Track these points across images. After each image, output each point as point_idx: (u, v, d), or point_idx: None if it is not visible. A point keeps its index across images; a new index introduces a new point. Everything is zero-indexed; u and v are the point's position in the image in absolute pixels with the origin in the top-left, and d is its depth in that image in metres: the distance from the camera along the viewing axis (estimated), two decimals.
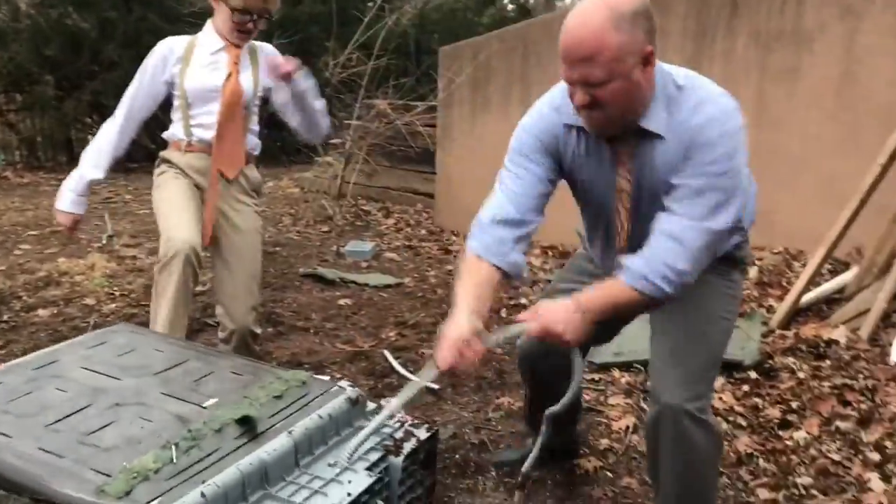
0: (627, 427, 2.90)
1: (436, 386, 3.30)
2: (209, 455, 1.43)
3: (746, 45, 4.76)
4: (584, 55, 1.69)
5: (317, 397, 1.71)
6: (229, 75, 2.78)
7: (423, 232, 6.70)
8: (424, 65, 9.05)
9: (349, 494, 1.45)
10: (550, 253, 5.65)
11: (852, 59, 4.32)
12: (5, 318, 4.13)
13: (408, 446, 1.65)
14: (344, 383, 1.84)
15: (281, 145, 10.86)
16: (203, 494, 1.31)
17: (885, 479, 2.41)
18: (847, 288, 3.82)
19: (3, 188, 9.17)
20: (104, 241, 5.86)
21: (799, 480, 2.44)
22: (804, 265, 4.03)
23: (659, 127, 1.76)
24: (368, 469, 1.56)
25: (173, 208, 2.77)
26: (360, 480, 1.50)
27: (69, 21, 10.48)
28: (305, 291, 4.82)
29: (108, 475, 1.33)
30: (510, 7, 13.38)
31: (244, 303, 2.89)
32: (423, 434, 1.71)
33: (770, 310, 3.88)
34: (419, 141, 7.17)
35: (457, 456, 2.72)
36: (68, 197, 2.83)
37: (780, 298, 3.91)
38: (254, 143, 2.96)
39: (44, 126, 11.41)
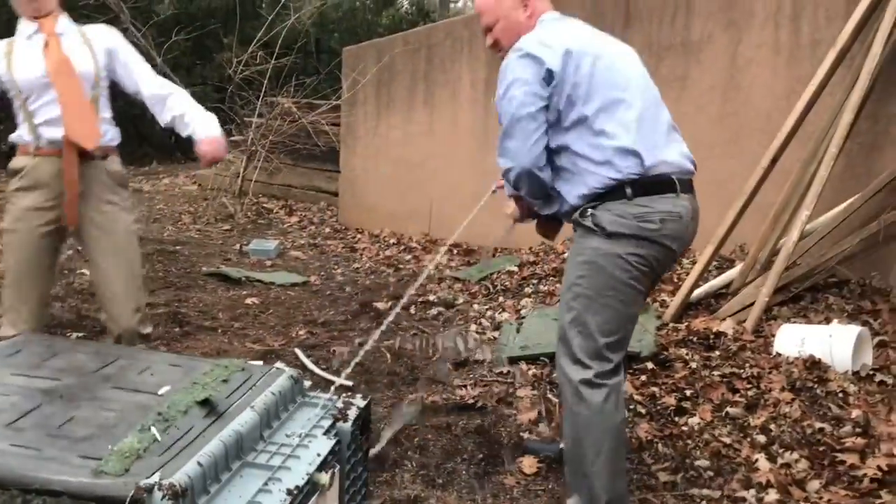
0: (535, 418, 3.03)
1: (349, 383, 3.36)
2: (187, 433, 1.48)
3: (640, 53, 5.01)
4: (478, 10, 2.39)
5: (260, 378, 1.79)
6: (46, 45, 2.61)
7: (328, 230, 6.71)
8: (326, 64, 9.06)
9: (318, 455, 1.58)
10: (455, 251, 5.78)
11: (735, 69, 4.63)
12: None
13: (352, 413, 1.77)
14: (280, 365, 1.92)
15: (176, 141, 10.61)
16: (200, 464, 1.37)
17: (771, 458, 2.63)
18: (733, 283, 4.10)
19: None
20: None
21: (696, 463, 2.64)
22: (694, 262, 4.29)
23: None
24: (325, 434, 1.68)
25: (17, 283, 2.63)
26: (323, 443, 1.64)
27: None
28: (210, 291, 4.77)
29: (97, 459, 1.35)
30: (406, 8, 13.47)
31: (126, 305, 2.70)
32: (360, 403, 1.84)
33: (663, 304, 4.12)
34: (323, 139, 7.17)
35: (374, 449, 2.79)
36: None
37: (673, 294, 4.16)
38: (110, 132, 2.75)
39: None
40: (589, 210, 2.17)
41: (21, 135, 2.65)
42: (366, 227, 6.60)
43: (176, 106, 2.73)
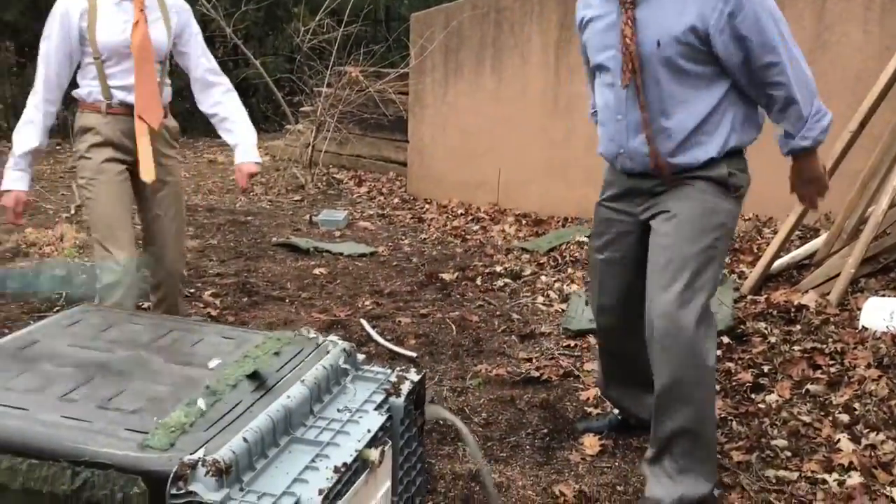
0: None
1: (413, 354, 3.32)
2: (234, 407, 1.46)
3: None
4: None
5: (312, 351, 1.76)
6: (136, 23, 2.66)
7: (396, 200, 6.68)
8: (395, 32, 8.98)
9: (369, 431, 1.53)
10: (524, 221, 5.67)
11: (823, 27, 4.36)
12: None
13: (405, 388, 1.72)
14: (334, 338, 1.87)
15: (250, 113, 10.73)
16: (245, 440, 1.35)
17: (855, 439, 2.47)
18: (817, 254, 3.89)
19: None
20: (72, 211, 5.77)
21: (773, 442, 2.50)
22: (775, 232, 4.09)
23: None
24: (377, 409, 1.63)
25: (109, 227, 2.72)
26: (374, 419, 1.59)
27: None
28: (279, 261, 4.80)
29: (144, 432, 1.34)
30: None
31: (175, 248, 2.90)
32: (414, 377, 1.78)
33: (742, 276, 3.94)
34: (392, 108, 7.12)
35: (437, 423, 2.74)
36: (7, 175, 2.69)
37: (752, 265, 3.98)
38: (166, 91, 2.85)
39: (5, 94, 11.15)
40: (727, 169, 2.11)
41: (91, 92, 2.72)
42: (434, 197, 6.54)
43: (224, 108, 2.89)
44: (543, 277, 4.39)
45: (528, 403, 2.88)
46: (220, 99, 2.90)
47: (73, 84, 2.78)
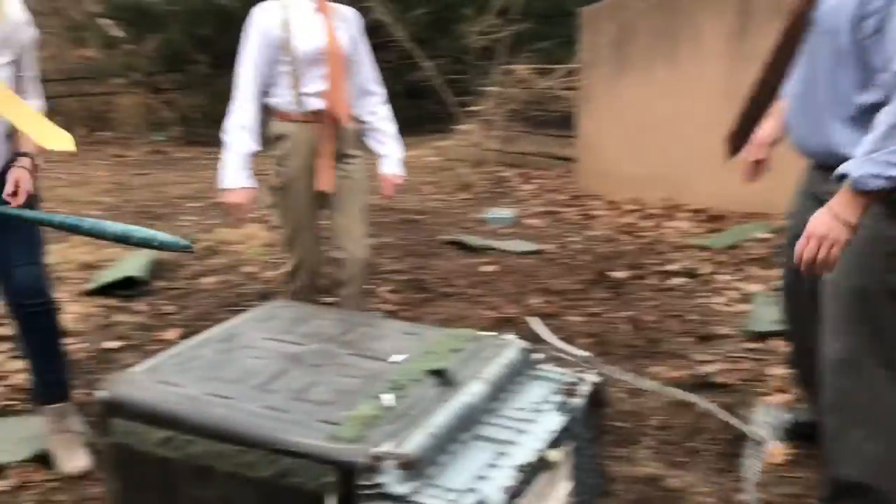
0: (790, 400, 2.78)
1: (586, 353, 3.28)
2: (418, 403, 1.52)
3: None
4: None
5: (490, 349, 1.79)
6: (328, 32, 2.87)
7: (564, 197, 6.62)
8: (565, 28, 8.90)
9: (549, 431, 1.55)
10: (699, 217, 5.46)
11: None
12: (176, 284, 4.43)
13: (584, 389, 1.71)
14: (511, 336, 1.90)
15: (421, 114, 11.02)
16: (430, 435, 1.41)
17: None
18: None
19: (166, 163, 9.81)
20: (261, 212, 6.15)
21: None
22: None
23: None
24: (556, 410, 1.65)
25: (297, 231, 2.99)
26: (554, 419, 1.60)
27: (220, 0, 10.99)
28: (449, 258, 4.89)
29: (335, 424, 1.42)
30: None
31: (359, 239, 3.02)
32: (593, 378, 1.77)
33: None
34: (559, 105, 7.07)
35: (611, 424, 2.70)
36: (235, 173, 2.89)
37: None
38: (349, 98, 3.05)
39: (199, 103, 12.07)
40: None
41: (285, 101, 2.92)
42: (603, 194, 6.43)
43: (379, 119, 3.12)
44: (722, 276, 4.21)
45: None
46: (376, 109, 3.12)
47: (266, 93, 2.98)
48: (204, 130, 12.60)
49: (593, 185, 6.58)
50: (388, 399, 1.50)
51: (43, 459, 2.51)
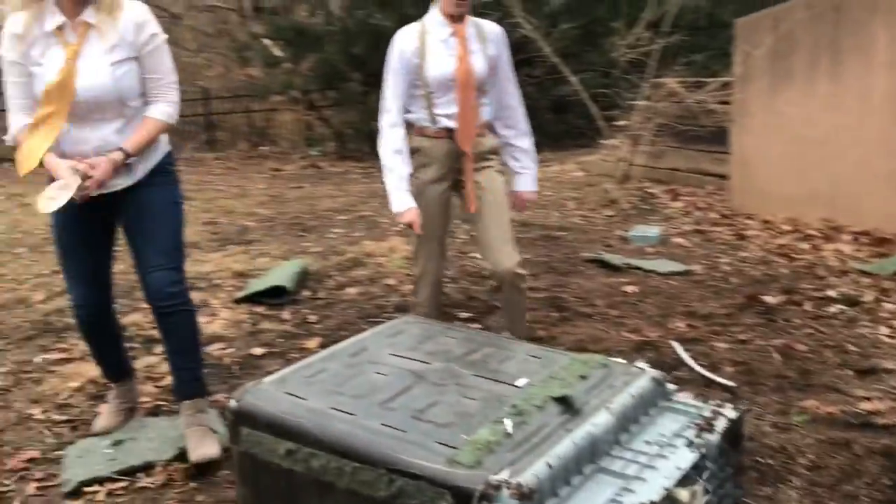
0: None
1: (731, 383, 3.10)
2: (539, 430, 1.48)
3: None
4: None
5: (620, 377, 1.72)
6: (460, 58, 2.93)
7: (715, 215, 6.33)
8: (718, 39, 8.56)
9: (678, 468, 1.47)
10: (863, 239, 5.07)
11: None
12: (320, 295, 4.58)
13: (719, 424, 1.60)
14: (643, 364, 1.81)
15: (566, 129, 10.90)
16: (549, 465, 1.37)
17: None
18: None
19: (319, 177, 10.21)
20: (402, 226, 6.27)
21: None
22: None
23: None
24: (688, 445, 1.57)
25: (426, 238, 3.10)
26: (685, 456, 1.52)
27: (373, 20, 11.36)
28: (590, 277, 4.78)
29: (453, 447, 1.41)
30: None
31: (502, 249, 3.02)
32: (731, 413, 1.65)
33: None
34: (711, 119, 6.78)
35: (755, 461, 2.53)
36: (402, 196, 3.02)
37: None
38: (486, 111, 3.08)
39: (352, 119, 12.51)
40: None
41: (420, 118, 3.05)
42: (757, 213, 6.10)
43: (517, 134, 3.14)
44: (888, 305, 3.87)
45: (867, 449, 2.54)
46: (514, 124, 3.15)
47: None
48: (355, 146, 13.07)
49: (747, 204, 6.26)
50: (508, 425, 1.46)
51: (187, 458, 2.64)
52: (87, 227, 2.67)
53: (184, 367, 2.74)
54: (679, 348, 3.49)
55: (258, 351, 3.70)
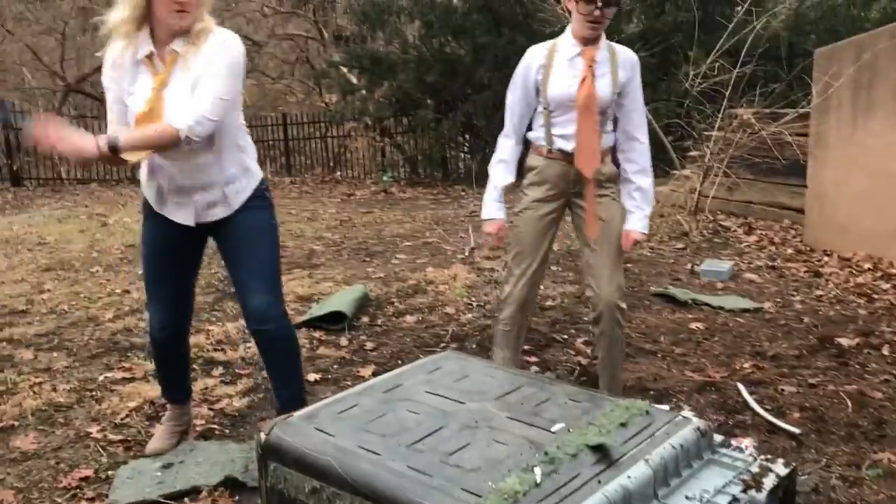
0: None
1: (797, 430, 2.94)
2: (571, 480, 1.41)
3: None
4: None
5: (662, 426, 1.63)
6: (583, 80, 2.84)
7: (790, 251, 6.10)
8: (796, 69, 8.31)
9: None
10: None
11: None
12: (379, 321, 4.57)
13: (767, 482, 1.49)
14: (688, 413, 1.71)
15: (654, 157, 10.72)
16: None
17: None
18: None
19: (389, 202, 10.29)
20: (466, 253, 6.25)
21: None
22: None
23: None
24: (732, 503, 1.47)
25: (519, 254, 3.06)
26: None
27: (448, 49, 11.46)
28: (655, 312, 4.64)
29: (478, 495, 1.36)
30: None
31: (610, 279, 2.96)
32: (781, 470, 1.54)
33: None
34: (787, 151, 6.56)
35: None
36: (491, 206, 3.08)
37: None
38: (608, 140, 2.98)
39: (423, 146, 12.61)
40: None
41: (539, 137, 3.02)
42: (835, 249, 5.84)
43: (636, 169, 2.98)
44: None
45: None
46: (635, 158, 3.00)
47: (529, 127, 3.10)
48: (426, 172, 13.16)
49: (824, 240, 6.01)
50: (538, 474, 1.39)
51: (234, 483, 2.64)
52: (186, 247, 2.71)
53: (283, 387, 2.77)
54: (744, 390, 3.34)
55: (313, 377, 3.70)
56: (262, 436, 1.62)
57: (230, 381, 3.69)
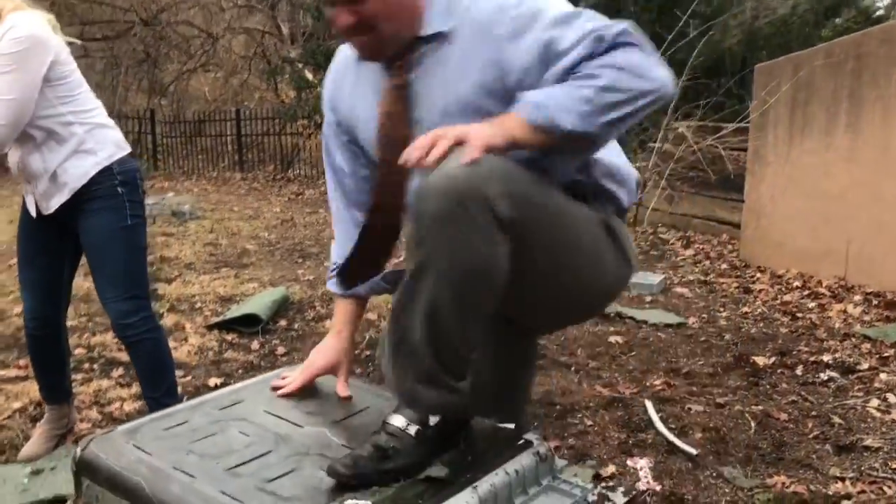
0: None
1: (694, 451, 2.88)
2: None
3: None
4: None
5: (504, 448, 1.54)
6: None
7: (724, 266, 6.10)
8: (735, 84, 8.33)
9: None
10: (874, 302, 4.79)
11: None
12: (296, 325, 4.45)
13: None
14: (532, 435, 1.63)
15: None
16: None
17: None
18: None
19: None
20: (399, 258, 6.14)
21: None
22: None
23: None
24: None
25: None
26: None
27: None
28: (578, 325, 4.58)
29: None
30: (855, 16, 11.84)
31: None
32: (620, 499, 1.47)
33: None
34: (727, 166, 6.57)
35: None
36: None
37: None
38: None
39: None
40: None
41: None
42: (769, 266, 5.85)
43: None
44: (884, 375, 3.61)
45: None
46: None
47: None
48: None
49: (759, 256, 6.02)
50: (352, 503, 1.30)
51: None
52: (47, 235, 2.62)
53: (149, 395, 2.69)
54: (650, 408, 3.28)
55: (214, 381, 3.58)
56: (78, 451, 1.50)
57: (127, 383, 3.54)
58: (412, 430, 1.41)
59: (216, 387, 3.51)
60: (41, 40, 2.33)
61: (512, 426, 1.60)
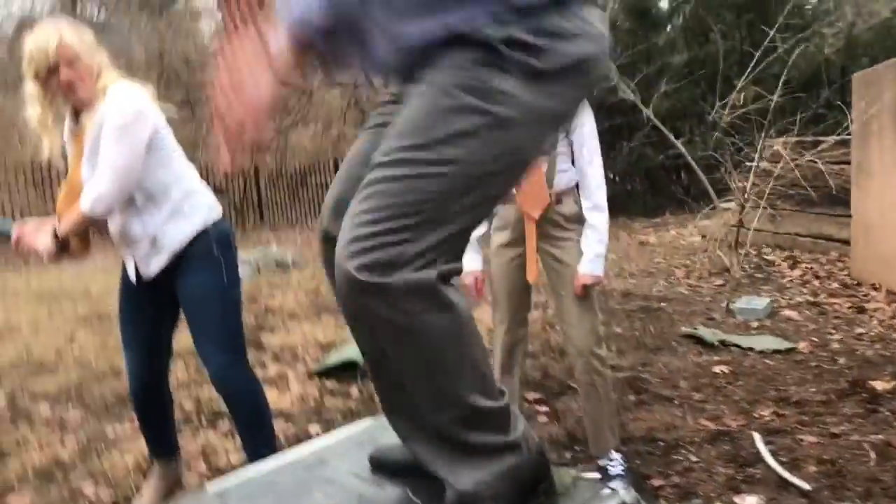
0: None
1: (807, 486, 2.73)
2: None
3: None
4: None
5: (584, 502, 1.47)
6: None
7: (835, 285, 5.80)
8: (833, 95, 8.00)
9: None
10: None
11: None
12: None
13: None
14: (618, 484, 1.56)
15: (686, 190, 10.46)
16: None
17: None
18: None
19: None
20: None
21: None
22: None
23: None
24: None
25: (495, 302, 3.03)
26: None
27: None
28: (680, 355, 4.44)
29: None
30: None
31: (579, 325, 2.87)
32: None
33: None
34: (834, 180, 6.28)
35: None
36: (467, 257, 3.00)
37: None
38: (565, 178, 2.85)
39: None
40: None
41: None
42: (883, 283, 5.52)
43: (589, 210, 2.84)
44: None
45: None
46: (588, 194, 2.87)
47: None
48: None
49: (871, 273, 5.70)
50: None
51: None
52: (146, 296, 2.72)
53: (247, 445, 2.76)
54: (759, 440, 3.13)
55: (314, 429, 3.64)
56: None
57: (233, 434, 3.64)
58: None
59: (318, 435, 3.57)
60: (144, 112, 2.50)
61: (597, 476, 1.56)
